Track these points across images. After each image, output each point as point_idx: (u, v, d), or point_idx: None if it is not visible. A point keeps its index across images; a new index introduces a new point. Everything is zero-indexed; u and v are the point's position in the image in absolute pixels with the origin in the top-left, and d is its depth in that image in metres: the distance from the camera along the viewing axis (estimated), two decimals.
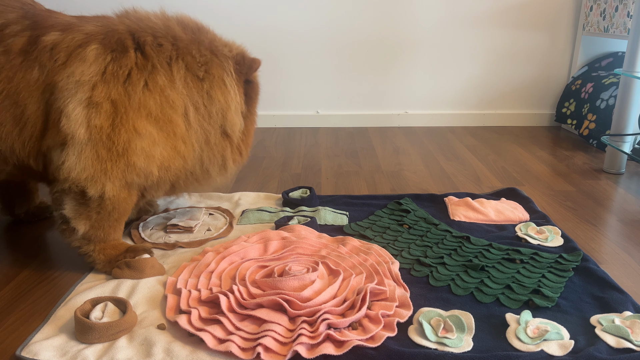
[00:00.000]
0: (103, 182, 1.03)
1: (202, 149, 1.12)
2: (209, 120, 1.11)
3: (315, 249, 1.17)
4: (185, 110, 1.08)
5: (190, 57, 1.09)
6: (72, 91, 1.01)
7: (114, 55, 1.04)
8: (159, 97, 1.05)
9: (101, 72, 1.03)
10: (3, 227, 1.37)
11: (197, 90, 1.09)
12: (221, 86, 1.11)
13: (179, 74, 1.07)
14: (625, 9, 2.07)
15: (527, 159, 1.98)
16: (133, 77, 1.04)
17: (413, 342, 0.88)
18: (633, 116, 1.78)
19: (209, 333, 0.88)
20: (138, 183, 1.07)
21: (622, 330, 0.89)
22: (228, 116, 1.13)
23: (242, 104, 1.17)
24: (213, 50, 1.12)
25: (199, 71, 1.10)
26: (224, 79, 1.12)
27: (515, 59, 2.46)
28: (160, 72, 1.06)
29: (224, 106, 1.12)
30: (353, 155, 2.02)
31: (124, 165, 1.03)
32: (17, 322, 0.96)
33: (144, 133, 1.03)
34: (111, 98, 1.02)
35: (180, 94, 1.07)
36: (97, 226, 1.08)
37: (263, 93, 2.46)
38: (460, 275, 1.10)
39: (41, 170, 1.09)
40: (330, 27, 2.39)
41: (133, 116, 1.02)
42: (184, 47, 1.09)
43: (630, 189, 1.66)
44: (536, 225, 1.33)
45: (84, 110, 1.01)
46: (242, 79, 1.16)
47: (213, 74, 1.11)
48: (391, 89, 2.49)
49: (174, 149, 1.08)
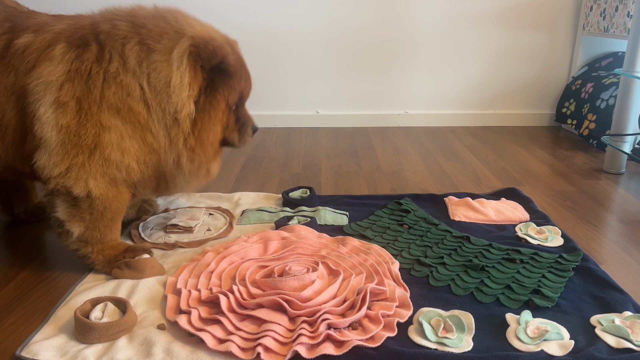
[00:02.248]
0: (85, 180, 1.02)
1: (166, 137, 1.06)
2: (157, 96, 1.04)
3: (315, 249, 1.17)
4: (142, 92, 1.03)
5: (145, 30, 1.04)
6: (41, 93, 1.00)
7: (78, 52, 1.03)
8: (114, 87, 1.02)
9: (67, 70, 1.01)
10: (3, 227, 1.37)
11: (147, 63, 1.03)
12: (168, 59, 1.03)
13: (132, 52, 1.02)
14: (625, 9, 2.07)
15: (527, 159, 1.98)
16: (93, 72, 1.02)
17: (413, 342, 0.88)
18: (633, 116, 1.78)
19: (209, 333, 0.88)
20: (123, 179, 1.06)
21: (622, 330, 0.89)
22: (173, 96, 1.03)
23: (194, 90, 1.04)
24: (174, 26, 1.05)
25: (151, 42, 1.03)
26: (172, 53, 1.03)
27: (515, 59, 2.46)
28: (115, 58, 1.03)
29: (167, 81, 1.03)
30: (353, 155, 2.02)
31: (100, 159, 1.02)
32: (17, 322, 0.96)
33: (110, 126, 1.02)
34: (76, 96, 1.01)
35: (133, 74, 1.02)
36: (92, 227, 1.08)
37: (263, 93, 2.46)
38: (460, 275, 1.09)
39: (29, 172, 1.09)
40: (331, 27, 2.39)
41: (97, 110, 1.01)
42: (140, 22, 1.05)
43: (630, 189, 1.66)
44: (536, 225, 1.33)
45: (53, 113, 1.00)
46: (198, 63, 1.05)
47: (164, 45, 1.03)
48: (391, 89, 2.49)
49: (144, 141, 1.05)
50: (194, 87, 1.04)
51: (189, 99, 1.04)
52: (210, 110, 1.08)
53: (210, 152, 1.11)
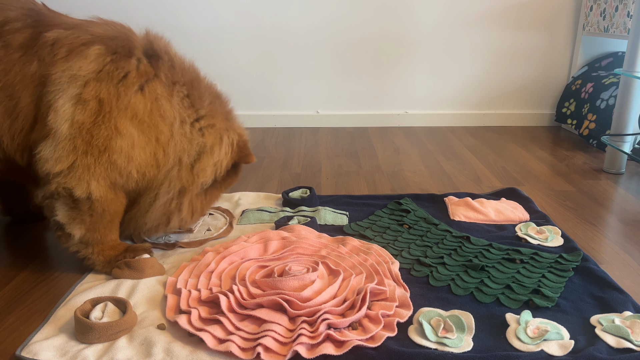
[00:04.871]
0: (87, 181, 1.03)
1: (174, 167, 1.10)
2: (189, 143, 1.10)
3: (315, 249, 1.17)
4: (172, 122, 1.08)
5: (197, 93, 1.12)
6: (64, 85, 1.01)
7: (114, 57, 1.05)
8: (150, 103, 1.05)
9: (97, 70, 1.03)
10: (3, 227, 1.37)
11: (193, 116, 1.11)
12: (216, 136, 1.13)
13: (177, 94, 1.09)
14: (625, 9, 2.07)
15: (527, 159, 1.98)
16: (129, 79, 1.04)
17: (413, 342, 0.88)
18: (633, 116, 1.78)
19: (209, 333, 0.88)
20: (122, 185, 1.07)
21: (622, 330, 0.89)
22: (203, 158, 1.11)
23: (220, 172, 1.15)
24: (226, 115, 1.16)
25: (201, 110, 1.12)
26: (222, 137, 1.14)
27: (515, 59, 2.46)
28: (163, 83, 1.08)
29: (207, 149, 1.12)
30: (353, 155, 2.02)
31: (106, 162, 1.03)
32: (17, 322, 0.96)
33: (125, 133, 1.03)
34: (99, 97, 1.02)
35: (172, 107, 1.08)
36: (92, 229, 1.08)
37: (263, 93, 2.47)
38: (460, 275, 1.09)
39: (25, 166, 1.09)
40: (331, 27, 2.39)
41: (117, 115, 1.02)
42: (197, 89, 1.13)
43: (630, 189, 1.66)
44: (536, 225, 1.33)
45: (71, 107, 1.01)
46: (233, 157, 1.16)
47: (215, 124, 1.13)
48: (391, 89, 2.49)
49: (153, 156, 1.07)
50: (224, 170, 1.16)
51: (213, 170, 1.14)
52: (221, 189, 1.21)
53: (198, 217, 1.20)
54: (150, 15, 2.33)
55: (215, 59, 2.40)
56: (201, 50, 2.39)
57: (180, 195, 1.11)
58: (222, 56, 2.40)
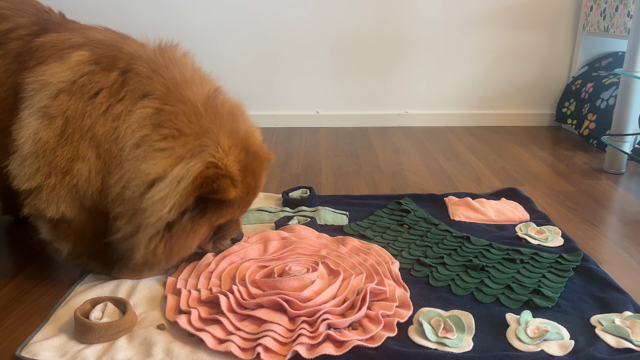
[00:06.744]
0: (56, 203, 0.95)
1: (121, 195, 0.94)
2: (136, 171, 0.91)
3: (315, 249, 1.17)
4: (123, 147, 0.93)
5: (170, 107, 0.93)
6: (32, 92, 0.94)
7: (92, 69, 0.95)
8: (108, 126, 0.93)
9: (71, 81, 0.94)
10: (3, 227, 1.37)
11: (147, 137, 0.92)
12: (168, 157, 0.90)
13: (141, 111, 0.93)
14: (625, 8, 2.07)
15: (527, 159, 1.98)
16: (98, 99, 0.94)
17: (413, 342, 0.88)
18: (633, 116, 1.78)
19: (208, 333, 0.88)
20: (94, 205, 0.98)
21: (622, 330, 0.89)
22: (146, 201, 0.90)
23: (174, 212, 0.90)
24: (202, 127, 0.93)
25: (166, 126, 0.92)
26: (174, 168, 0.90)
27: (515, 59, 2.46)
28: (125, 101, 0.94)
29: (148, 181, 0.90)
30: (353, 155, 2.02)
31: (70, 184, 0.95)
32: (17, 322, 0.96)
33: (85, 157, 0.94)
34: (67, 114, 0.93)
35: (127, 129, 0.93)
36: (79, 243, 1.05)
37: (263, 93, 2.46)
38: (460, 275, 1.09)
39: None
40: (331, 27, 2.39)
41: (79, 138, 0.94)
42: (175, 97, 0.95)
43: (630, 189, 1.66)
44: (536, 225, 1.33)
45: (37, 121, 0.93)
46: (195, 193, 0.91)
47: (173, 147, 0.91)
48: (391, 89, 2.49)
49: (103, 181, 0.96)
50: (176, 210, 0.90)
51: (163, 220, 0.91)
52: (190, 232, 0.96)
53: (174, 260, 0.99)
54: (151, 15, 2.33)
55: (215, 59, 2.39)
56: (201, 50, 2.38)
57: (136, 229, 0.93)
58: (222, 56, 2.40)
